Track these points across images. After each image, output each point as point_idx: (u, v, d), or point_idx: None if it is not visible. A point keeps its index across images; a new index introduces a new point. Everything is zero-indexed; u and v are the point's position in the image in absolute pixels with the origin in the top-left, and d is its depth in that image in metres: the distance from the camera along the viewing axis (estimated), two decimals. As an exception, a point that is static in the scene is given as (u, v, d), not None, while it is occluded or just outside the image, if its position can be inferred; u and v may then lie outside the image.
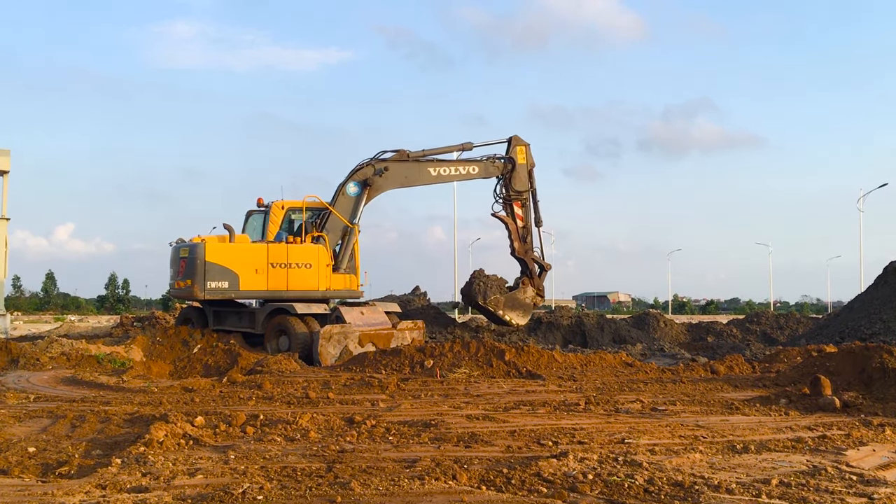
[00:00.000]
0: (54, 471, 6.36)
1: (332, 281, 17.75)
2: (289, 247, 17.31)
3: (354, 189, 18.33)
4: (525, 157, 19.65)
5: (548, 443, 7.39)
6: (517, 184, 19.50)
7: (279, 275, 17.11)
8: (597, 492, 5.57)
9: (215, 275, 16.66)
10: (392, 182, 18.65)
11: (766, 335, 26.82)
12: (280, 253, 17.18)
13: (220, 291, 16.85)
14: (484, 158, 19.57)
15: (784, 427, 8.46)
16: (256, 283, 17.00)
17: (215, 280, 16.69)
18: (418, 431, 7.93)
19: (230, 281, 16.81)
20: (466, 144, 19.32)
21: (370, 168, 18.39)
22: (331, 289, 17.73)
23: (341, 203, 18.27)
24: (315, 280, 17.40)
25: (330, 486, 5.63)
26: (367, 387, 11.82)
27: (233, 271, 16.84)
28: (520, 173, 19.50)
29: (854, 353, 11.79)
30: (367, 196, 18.42)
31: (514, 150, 19.65)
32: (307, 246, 17.58)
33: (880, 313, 20.16)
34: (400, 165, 18.66)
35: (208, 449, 7.09)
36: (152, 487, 5.58)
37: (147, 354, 16.26)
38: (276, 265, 17.05)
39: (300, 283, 17.26)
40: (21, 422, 8.71)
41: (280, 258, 17.13)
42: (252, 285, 16.98)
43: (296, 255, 17.27)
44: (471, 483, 5.78)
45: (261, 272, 17.00)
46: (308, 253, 17.45)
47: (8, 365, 14.33)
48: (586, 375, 13.38)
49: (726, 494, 5.50)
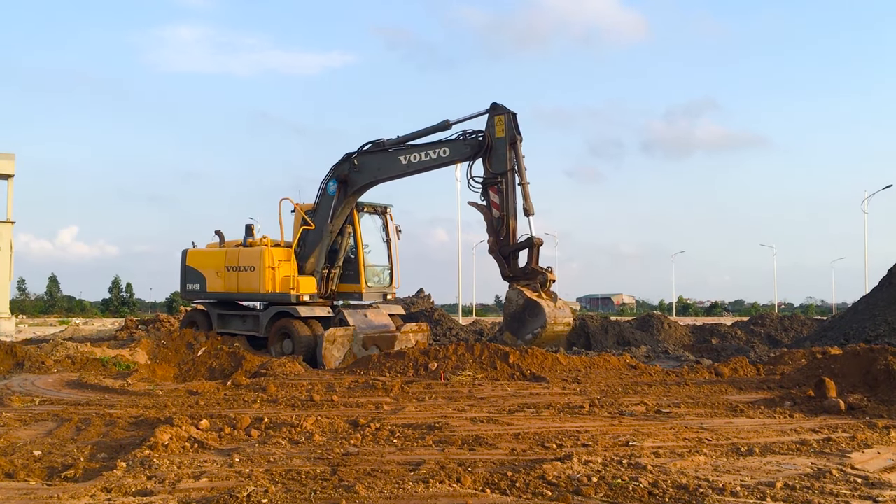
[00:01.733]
0: (60, 474, 6.38)
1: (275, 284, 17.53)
2: (240, 250, 18.25)
3: (333, 187, 17.46)
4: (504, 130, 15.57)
5: (552, 445, 7.39)
6: (494, 163, 15.58)
7: (232, 277, 18.22)
8: (601, 495, 5.57)
9: (191, 278, 18.88)
10: (366, 175, 17.08)
11: (770, 337, 26.78)
12: (233, 257, 18.29)
13: (194, 293, 19.00)
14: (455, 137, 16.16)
15: (788, 429, 8.45)
16: (217, 285, 18.46)
17: (192, 283, 18.89)
18: (422, 434, 7.94)
19: (200, 283, 18.79)
20: (443, 123, 16.25)
21: (345, 164, 17.27)
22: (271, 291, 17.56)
23: (322, 203, 17.73)
24: (257, 282, 17.73)
25: (334, 489, 5.64)
26: (371, 389, 11.83)
27: (202, 274, 18.78)
28: (497, 149, 15.54)
29: (859, 355, 11.76)
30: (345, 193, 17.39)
31: (490, 122, 15.71)
32: (253, 249, 18.18)
33: (885, 315, 20.10)
34: (373, 157, 16.93)
35: (213, 452, 7.10)
36: (157, 491, 5.59)
37: (152, 357, 16.31)
38: (230, 268, 18.26)
39: (246, 285, 18.00)
40: (26, 425, 8.74)
41: (233, 261, 18.25)
42: (214, 287, 18.56)
43: (244, 258, 18.11)
44: (475, 486, 5.79)
45: (220, 275, 18.38)
46: (251, 256, 17.99)
47: (13, 368, 14.37)
48: (590, 378, 13.37)
49: (731, 497, 5.50)
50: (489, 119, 15.85)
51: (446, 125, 16.32)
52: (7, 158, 29.28)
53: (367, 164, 17.05)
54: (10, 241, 28.85)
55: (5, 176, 29.04)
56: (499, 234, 15.64)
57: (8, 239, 28.49)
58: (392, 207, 19.31)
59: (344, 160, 17.35)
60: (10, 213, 28.91)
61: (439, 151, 16.29)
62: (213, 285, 18.49)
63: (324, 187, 17.78)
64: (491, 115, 15.81)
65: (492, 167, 15.68)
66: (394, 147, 16.81)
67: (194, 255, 19.03)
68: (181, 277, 19.13)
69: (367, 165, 17.04)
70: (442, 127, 16.35)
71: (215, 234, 18.97)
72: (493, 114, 15.76)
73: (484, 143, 15.72)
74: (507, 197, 15.56)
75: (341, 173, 17.34)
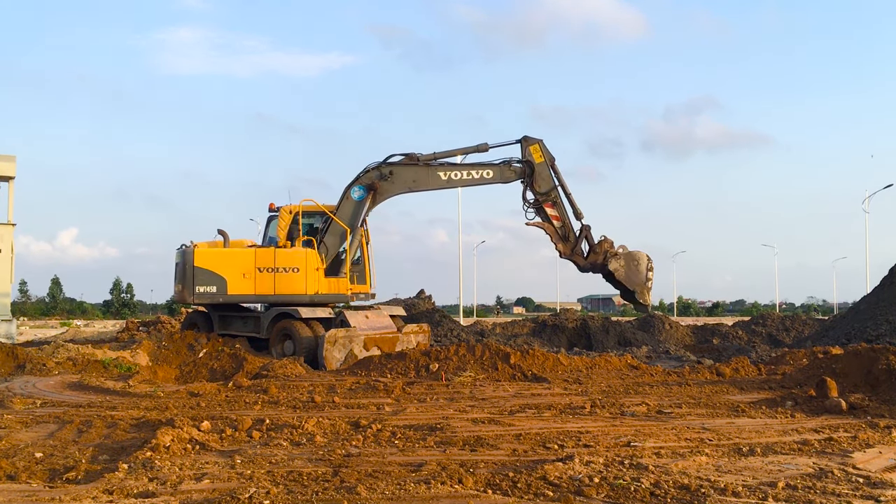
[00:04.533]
0: (61, 476, 6.39)
1: (320, 285, 17.68)
2: (276, 251, 17.63)
3: (359, 193, 18.18)
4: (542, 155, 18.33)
5: (553, 446, 7.40)
6: (541, 185, 18.17)
7: (266, 279, 17.49)
8: (603, 495, 5.57)
9: (204, 279, 17.28)
10: (398, 186, 18.27)
11: (771, 337, 26.78)
12: (267, 257, 17.56)
13: (208, 296, 17.41)
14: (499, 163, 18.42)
15: (790, 429, 8.45)
16: (244, 287, 17.48)
17: (204, 285, 17.29)
18: (424, 435, 7.94)
19: (218, 285, 17.36)
20: (482, 146, 18.35)
21: (376, 172, 18.19)
22: (319, 293, 17.66)
23: (345, 207, 18.16)
24: (303, 284, 17.52)
25: (336, 490, 5.64)
26: (372, 391, 11.83)
27: (221, 276, 17.40)
28: (541, 173, 18.23)
29: (860, 354, 11.75)
30: (372, 200, 18.24)
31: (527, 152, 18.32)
32: (295, 250, 17.79)
33: (886, 315, 20.09)
34: (407, 169, 18.30)
35: (215, 454, 7.11)
36: (159, 492, 5.60)
37: (153, 359, 16.31)
38: (263, 269, 17.47)
39: (287, 287, 17.52)
40: (28, 427, 8.74)
41: (267, 262, 17.52)
42: (239, 289, 17.47)
43: (283, 259, 17.58)
44: (477, 487, 5.79)
45: (248, 277, 17.47)
46: (296, 257, 17.66)
47: (14, 370, 14.38)
48: (592, 378, 13.37)
49: (732, 497, 5.50)
50: (524, 149, 18.26)
51: (485, 148, 18.36)
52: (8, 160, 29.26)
53: (401, 176, 18.15)
54: (12, 244, 28.86)
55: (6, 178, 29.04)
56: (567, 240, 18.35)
57: (9, 241, 28.49)
58: None
59: (374, 168, 18.21)
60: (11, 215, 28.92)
61: (483, 173, 18.29)
62: (238, 287, 17.41)
63: (348, 192, 18.17)
64: (525, 146, 18.24)
65: (540, 188, 18.15)
66: (430, 162, 18.28)
67: (207, 256, 17.56)
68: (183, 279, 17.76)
69: (401, 176, 18.13)
70: (479, 149, 18.35)
71: (218, 233, 18.23)
72: (527, 144, 18.22)
73: (526, 169, 18.13)
74: (562, 207, 18.23)
75: (371, 181, 18.07)
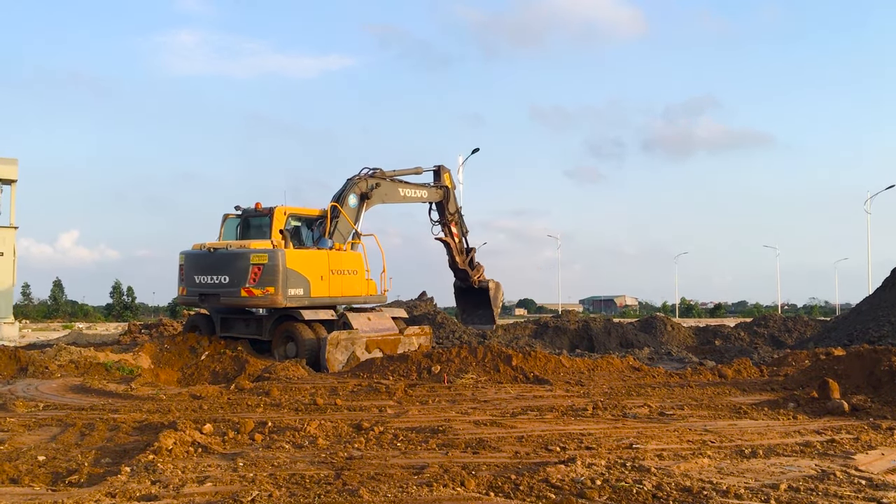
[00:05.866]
0: (64, 479, 6.40)
1: (368, 287, 18.33)
2: (341, 254, 17.71)
3: (354, 201, 18.89)
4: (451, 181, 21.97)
5: (556, 448, 7.39)
6: (451, 206, 21.76)
7: (338, 281, 17.47)
8: (605, 497, 5.57)
9: (294, 282, 16.57)
10: (379, 198, 19.59)
11: (773, 338, 26.76)
12: (338, 260, 17.59)
13: (296, 298, 16.65)
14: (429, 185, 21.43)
15: (792, 431, 8.44)
16: (322, 289, 17.16)
17: (294, 287, 16.57)
18: (426, 438, 7.94)
19: (304, 288, 16.80)
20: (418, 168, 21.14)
21: (365, 182, 19.19)
22: (369, 294, 18.28)
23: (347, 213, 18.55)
24: (361, 286, 17.89)
25: (338, 493, 5.65)
26: (374, 393, 11.83)
27: (306, 278, 16.87)
28: (451, 196, 21.85)
29: (862, 356, 11.74)
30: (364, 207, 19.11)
31: (443, 178, 21.66)
32: (352, 253, 18.08)
33: (889, 316, 20.07)
34: (385, 183, 19.86)
35: (217, 456, 7.11)
36: (162, 496, 5.60)
37: (155, 362, 16.32)
38: (335, 272, 17.42)
39: (351, 289, 17.75)
40: (30, 430, 8.75)
41: (338, 265, 17.53)
42: (320, 292, 17.10)
43: (347, 262, 17.74)
44: (479, 489, 5.79)
45: (325, 279, 17.20)
46: (355, 260, 18.01)
47: (17, 373, 14.39)
48: (594, 380, 13.37)
49: (735, 500, 5.49)
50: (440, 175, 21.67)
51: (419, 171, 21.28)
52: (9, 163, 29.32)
53: (382, 188, 19.61)
54: (14, 247, 28.91)
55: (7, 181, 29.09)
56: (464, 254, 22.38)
57: (11, 244, 28.54)
58: None
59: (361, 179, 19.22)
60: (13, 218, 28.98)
61: (422, 193, 21.07)
62: (318, 290, 17.12)
63: (345, 200, 18.60)
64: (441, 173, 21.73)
65: (450, 209, 21.80)
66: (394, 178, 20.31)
67: (296, 257, 16.76)
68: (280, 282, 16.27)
69: (382, 189, 19.60)
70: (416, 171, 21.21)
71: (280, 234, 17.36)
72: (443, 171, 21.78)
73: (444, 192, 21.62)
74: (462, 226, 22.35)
75: (363, 190, 19.01)
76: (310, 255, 17.21)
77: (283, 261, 16.30)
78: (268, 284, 16.31)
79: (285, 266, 16.31)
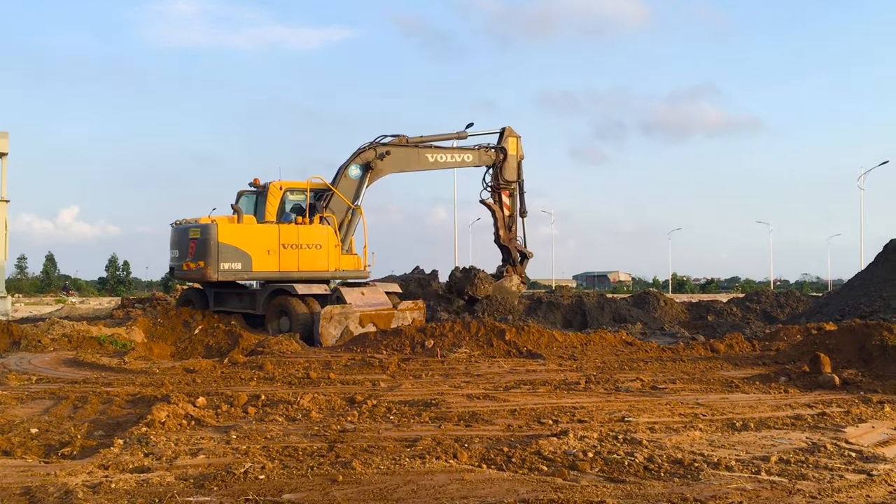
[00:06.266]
0: (57, 451, 6.40)
1: (340, 262, 17.90)
2: (299, 228, 17.36)
3: (356, 171, 18.44)
4: (516, 149, 20.21)
5: (548, 421, 7.43)
6: (507, 173, 20.08)
7: (290, 256, 17.18)
8: (597, 470, 5.60)
9: (228, 256, 16.57)
10: (392, 166, 18.89)
11: (766, 313, 26.83)
12: (291, 234, 17.25)
13: (232, 273, 16.74)
14: (477, 147, 20.02)
15: (783, 405, 8.50)
16: (268, 264, 17.03)
17: (228, 261, 16.58)
18: (419, 411, 7.96)
19: (243, 262, 16.74)
20: (461, 133, 19.90)
21: (372, 151, 18.53)
22: (339, 269, 17.87)
23: (343, 185, 18.30)
24: (325, 261, 17.52)
25: (331, 465, 5.66)
26: (367, 367, 11.86)
27: (246, 252, 16.79)
28: (510, 163, 20.11)
29: (854, 330, 11.81)
30: (369, 179, 18.60)
31: (506, 141, 20.16)
32: (316, 227, 17.63)
33: (880, 291, 20.13)
34: (400, 150, 18.96)
35: (210, 429, 7.12)
36: (155, 468, 5.61)
37: (148, 336, 16.29)
38: (287, 246, 17.12)
39: (310, 264, 17.37)
40: (23, 403, 8.75)
41: (291, 239, 17.20)
42: (264, 266, 17.00)
43: (306, 236, 17.35)
44: (471, 462, 5.81)
45: (273, 253, 17.02)
46: (318, 234, 17.54)
47: (10, 347, 14.36)
48: (586, 355, 13.42)
49: (726, 472, 5.53)
50: (503, 137, 20.28)
51: (464, 136, 20.02)
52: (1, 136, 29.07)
53: (395, 156, 18.88)
54: (6, 220, 28.76)
55: (-1, 154, 28.85)
56: (509, 230, 20.35)
57: (3, 218, 28.38)
58: None
59: (370, 148, 18.59)
60: (5, 191, 28.77)
61: (464, 156, 20.04)
62: (263, 264, 16.92)
63: (345, 171, 18.30)
64: (506, 135, 20.28)
65: (507, 176, 20.16)
66: (419, 144, 19.30)
67: (232, 231, 16.74)
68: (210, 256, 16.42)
69: (395, 157, 18.86)
70: (460, 136, 20.03)
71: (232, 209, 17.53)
72: (508, 134, 20.30)
73: (500, 155, 20.16)
74: (517, 202, 20.37)
75: (368, 160, 18.44)
76: (252, 230, 17.17)
77: (214, 235, 16.48)
78: (200, 258, 16.62)
79: (217, 241, 16.48)
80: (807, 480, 5.33)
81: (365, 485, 5.16)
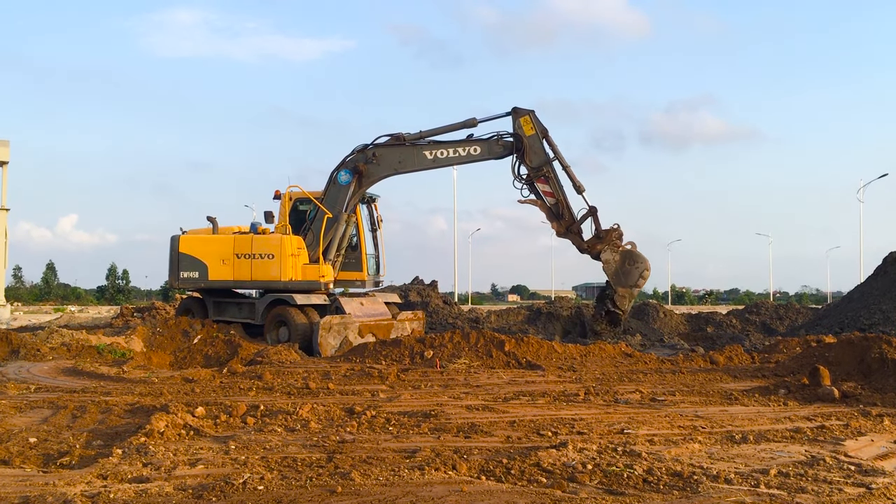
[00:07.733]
0: (56, 461, 6.39)
1: (298, 271, 17.42)
2: (253, 237, 17.67)
3: (345, 177, 17.81)
4: (533, 127, 17.18)
5: (547, 433, 7.42)
6: (533, 158, 17.10)
7: (243, 265, 17.62)
8: (596, 482, 5.59)
9: (187, 265, 17.86)
10: (384, 168, 17.71)
11: (765, 325, 26.83)
12: (245, 244, 17.65)
13: (190, 281, 18.01)
14: (487, 137, 17.42)
15: (783, 417, 8.49)
16: (222, 273, 17.72)
17: (187, 270, 17.88)
18: (418, 422, 7.96)
19: (199, 271, 17.83)
20: (470, 120, 17.42)
21: (361, 155, 17.77)
22: (296, 279, 17.36)
23: (331, 192, 17.83)
24: (277, 270, 17.35)
25: (330, 476, 5.66)
26: (367, 377, 11.84)
27: (202, 261, 17.80)
28: (532, 146, 17.12)
29: (853, 343, 11.81)
30: (358, 184, 17.83)
31: (517, 124, 17.28)
32: (271, 236, 17.75)
33: (880, 304, 20.15)
34: (393, 150, 17.60)
35: (209, 439, 7.11)
36: (153, 477, 5.60)
37: (147, 345, 16.29)
38: (240, 255, 17.59)
39: (262, 273, 17.47)
40: (22, 412, 8.74)
41: (244, 249, 17.61)
42: (219, 275, 17.73)
43: (259, 245, 17.58)
44: (470, 473, 5.81)
45: (227, 262, 17.68)
46: (271, 244, 17.56)
47: (8, 355, 14.35)
48: (586, 366, 13.41)
49: (725, 484, 5.53)
50: (514, 122, 17.29)
51: (472, 123, 17.36)
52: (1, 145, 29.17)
53: (386, 157, 17.63)
54: (5, 229, 28.82)
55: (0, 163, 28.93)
56: (561, 217, 17.21)
57: (2, 226, 28.44)
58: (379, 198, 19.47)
59: (359, 151, 17.78)
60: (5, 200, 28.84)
61: (469, 149, 17.36)
62: (218, 273, 17.67)
63: (334, 176, 17.83)
64: (515, 118, 17.27)
65: (532, 162, 17.13)
66: (416, 141, 17.52)
67: (190, 242, 17.99)
68: (172, 265, 18.04)
69: (386, 158, 17.62)
70: (467, 124, 17.39)
71: (208, 220, 18.32)
72: (517, 116, 17.27)
73: (516, 143, 17.18)
74: (556, 183, 17.16)
75: (356, 164, 17.69)
76: (208, 240, 18.15)
77: (176, 246, 18.08)
78: (168, 268, 18.32)
79: (177, 251, 18.01)
80: (806, 493, 5.32)
81: (364, 496, 5.16)
